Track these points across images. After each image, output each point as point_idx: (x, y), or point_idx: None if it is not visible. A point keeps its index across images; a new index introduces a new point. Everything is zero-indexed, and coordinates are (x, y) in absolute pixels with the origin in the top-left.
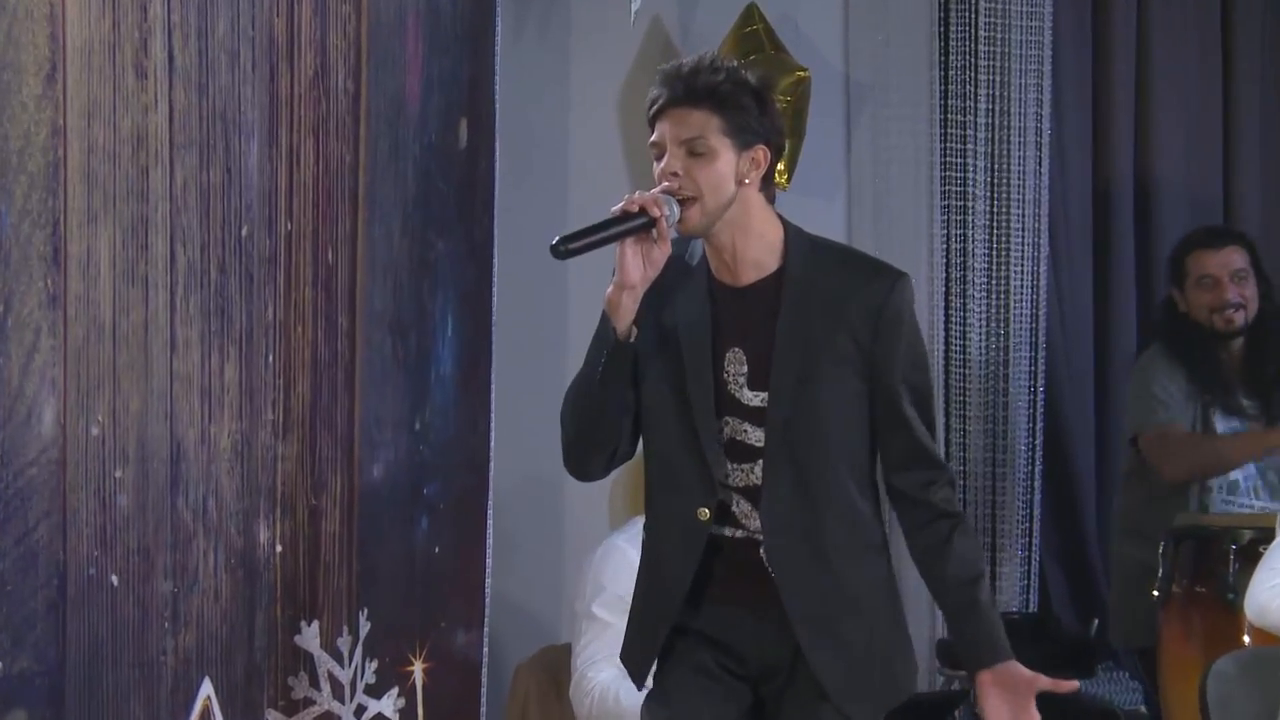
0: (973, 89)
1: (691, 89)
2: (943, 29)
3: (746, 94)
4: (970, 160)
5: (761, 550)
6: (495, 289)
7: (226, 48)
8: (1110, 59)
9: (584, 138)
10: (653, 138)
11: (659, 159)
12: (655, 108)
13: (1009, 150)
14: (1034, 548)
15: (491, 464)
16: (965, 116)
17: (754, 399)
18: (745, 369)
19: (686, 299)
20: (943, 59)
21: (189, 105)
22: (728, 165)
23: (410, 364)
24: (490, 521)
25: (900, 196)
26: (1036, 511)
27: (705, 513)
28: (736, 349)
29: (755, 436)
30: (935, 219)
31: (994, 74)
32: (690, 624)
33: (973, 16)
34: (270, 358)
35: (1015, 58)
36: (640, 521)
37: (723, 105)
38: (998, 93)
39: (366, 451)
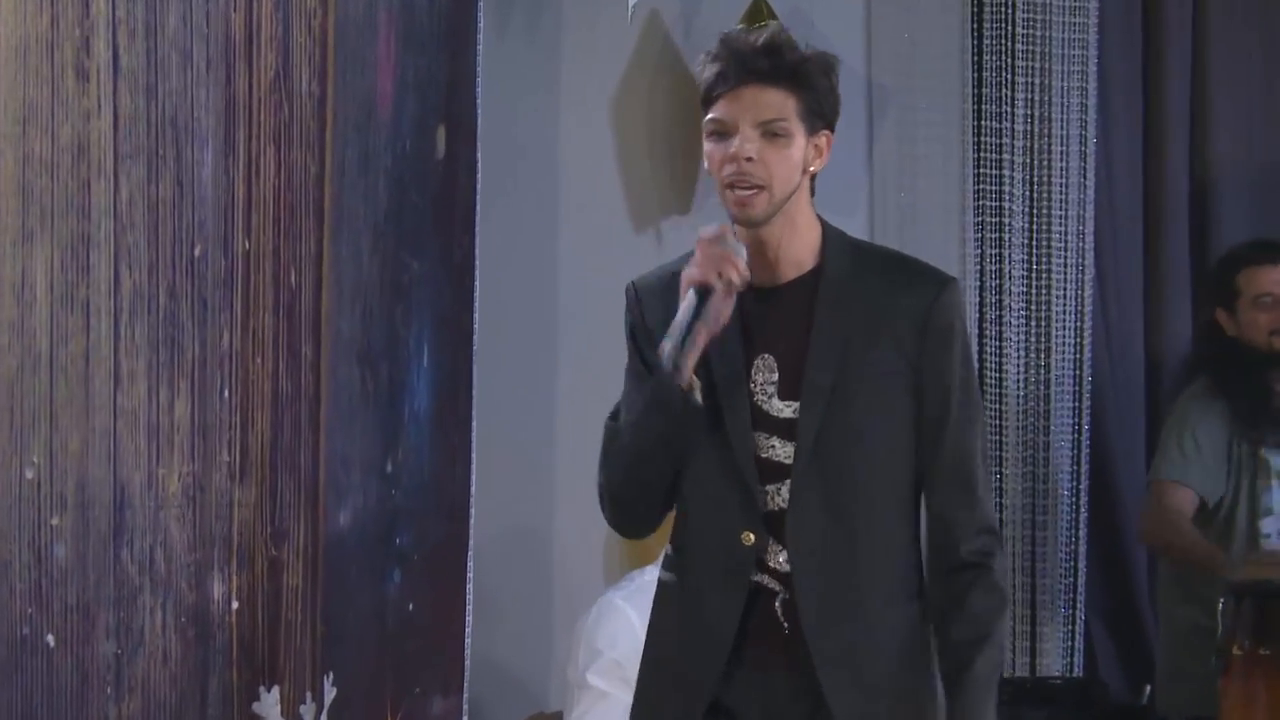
0: (1009, 91)
1: (776, 66)
2: (976, 24)
3: (823, 73)
4: (1006, 171)
5: (777, 602)
6: (477, 314)
7: (178, 46)
8: (1162, 55)
9: (575, 145)
10: (716, 115)
11: (719, 140)
12: (726, 86)
13: (1050, 159)
14: (1079, 605)
15: (472, 511)
16: (1001, 122)
17: (784, 409)
18: (775, 376)
19: None
20: (976, 58)
21: (135, 110)
22: (800, 152)
23: (381, 398)
24: (470, 575)
25: (928, 211)
26: (1081, 564)
27: (750, 537)
28: (766, 355)
29: (784, 452)
30: (968, 236)
31: (1033, 74)
32: (722, 698)
33: (1009, 10)
34: (226, 392)
35: (1056, 56)
36: (639, 578)
37: (804, 85)
38: (1037, 95)
39: (332, 497)
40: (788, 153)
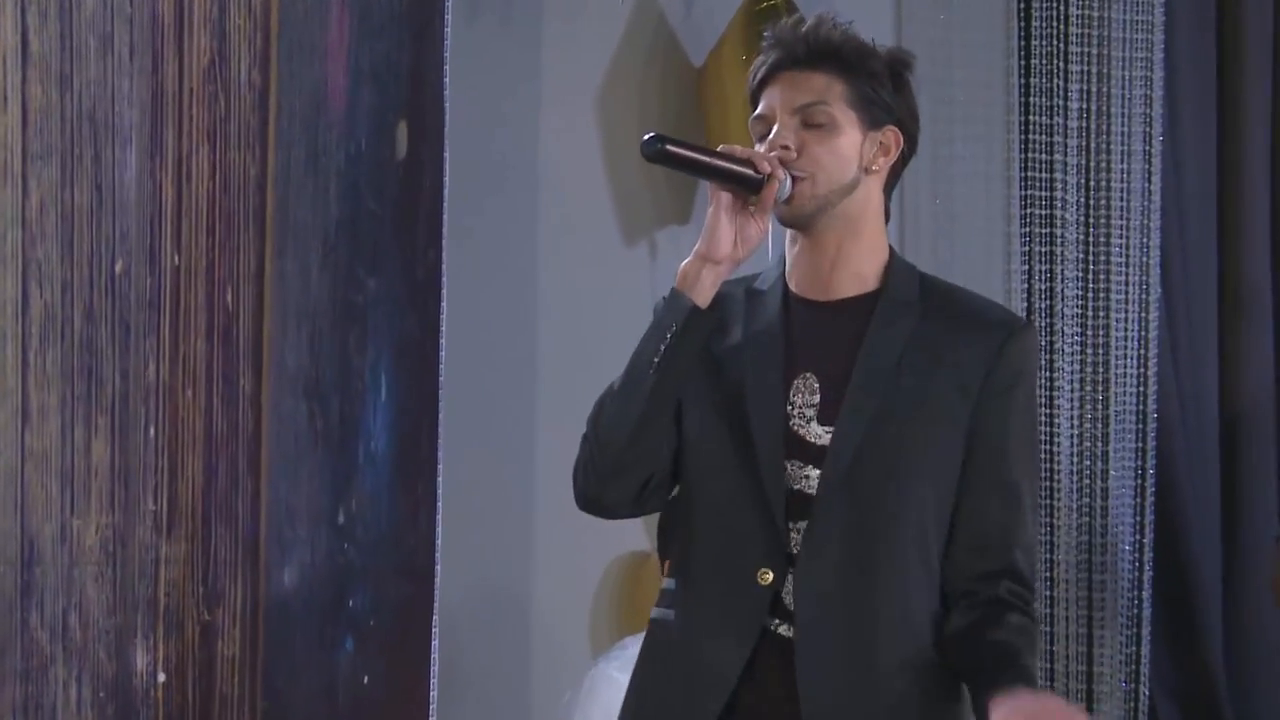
0: (1062, 81)
1: (812, 46)
2: (1023, 6)
3: (878, 60)
4: (1059, 174)
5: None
6: (443, 341)
7: (96, 29)
8: (1240, 37)
9: (557, 144)
10: (758, 110)
11: (763, 138)
12: (763, 71)
13: (1109, 160)
14: (1142, 679)
15: (438, 569)
16: (1052, 117)
17: (823, 435)
18: (816, 398)
19: (754, 319)
20: (1023, 42)
21: (47, 104)
22: (851, 144)
23: (332, 438)
24: (435, 643)
25: (968, 222)
26: (1145, 632)
27: (769, 575)
28: (808, 374)
29: (816, 484)
30: (1013, 250)
31: (1089, 61)
32: None
33: None
34: (151, 430)
35: (1117, 40)
36: (635, 645)
37: (849, 68)
38: (1094, 85)
39: (275, 552)
40: (834, 142)
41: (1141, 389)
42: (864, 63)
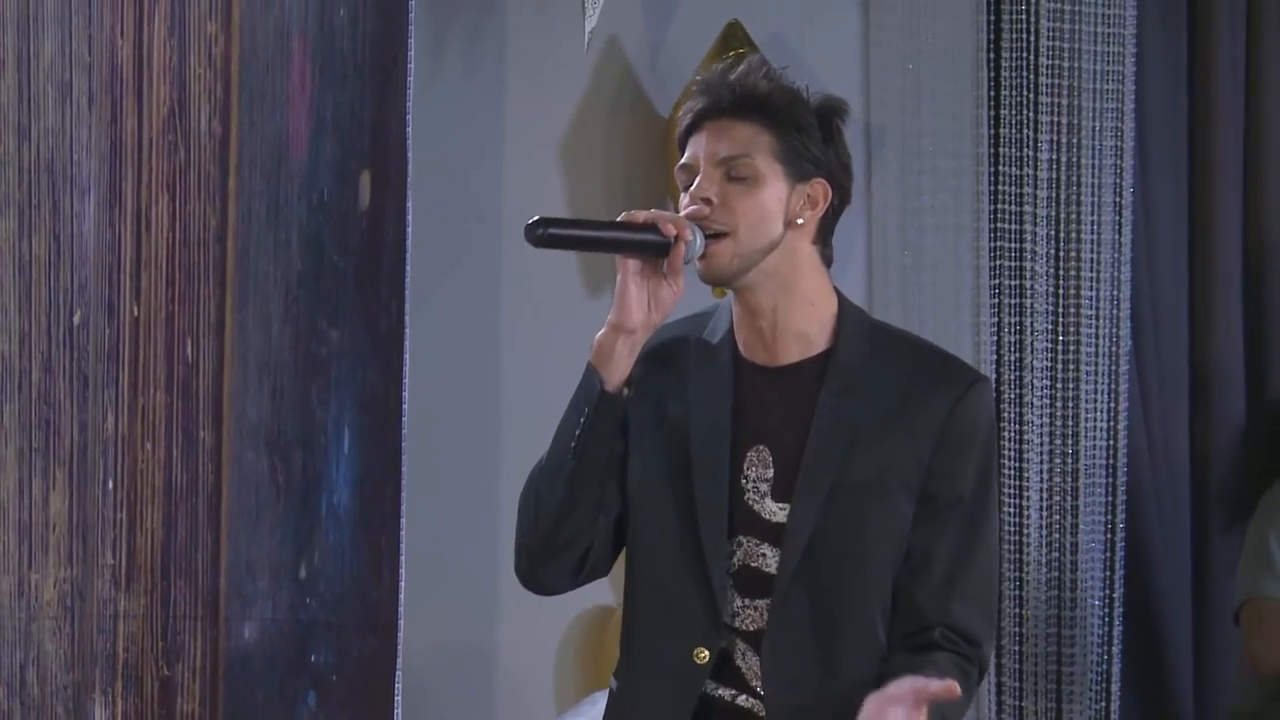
0: (1032, 134)
1: (739, 96)
2: (992, 54)
3: (807, 111)
4: (1029, 226)
5: None
6: (406, 393)
7: (54, 79)
8: (1211, 92)
9: (521, 194)
10: (683, 159)
11: (686, 189)
12: (689, 121)
13: (1079, 214)
14: None
15: (401, 623)
16: (1023, 170)
17: (778, 513)
18: (770, 473)
19: (703, 384)
20: (992, 93)
21: (4, 153)
22: (775, 198)
23: (294, 492)
24: (399, 699)
25: (937, 274)
26: (1114, 689)
27: (704, 654)
28: (761, 447)
29: (774, 563)
30: (983, 302)
31: (1059, 113)
32: None
33: (1031, 38)
34: (110, 484)
35: (1087, 93)
36: (600, 700)
37: (777, 120)
38: (1065, 138)
39: (235, 607)
40: (755, 195)
41: (1111, 443)
42: (792, 114)
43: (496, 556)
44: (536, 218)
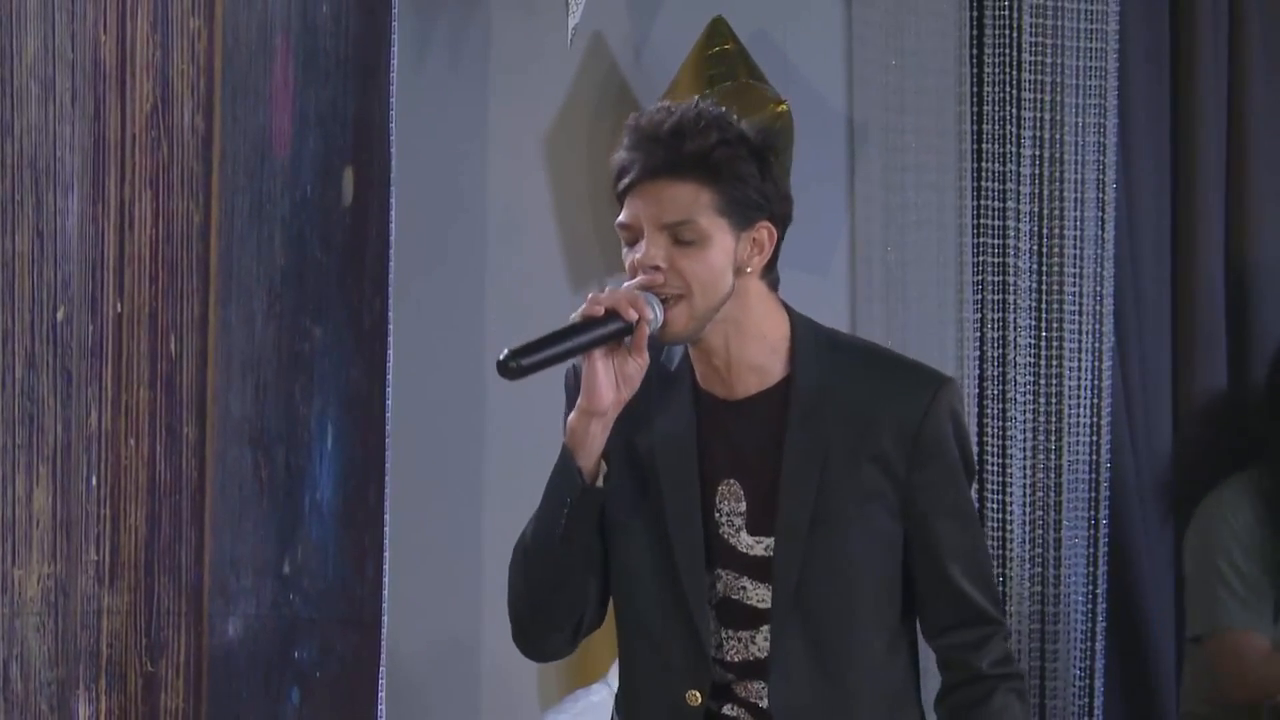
0: (1015, 129)
1: (676, 157)
2: (975, 50)
3: (746, 158)
4: (1012, 222)
5: None
6: (389, 390)
7: (37, 75)
8: (1194, 89)
9: (505, 190)
10: (622, 218)
11: (631, 244)
12: (627, 181)
13: (1062, 210)
14: None
15: (385, 620)
16: (1005, 165)
17: (755, 546)
18: (743, 507)
19: (666, 415)
20: (975, 89)
21: None
22: (724, 253)
23: (278, 488)
24: (383, 695)
25: (920, 271)
26: (1098, 687)
27: (696, 697)
28: (731, 481)
29: (757, 595)
30: (966, 299)
31: (1042, 109)
32: None
33: (1014, 34)
34: (93, 480)
35: (1070, 89)
36: (584, 697)
37: (717, 175)
38: (1047, 134)
39: (219, 603)
40: (704, 256)
41: (1095, 439)
42: (732, 167)
43: (480, 553)
44: (504, 354)
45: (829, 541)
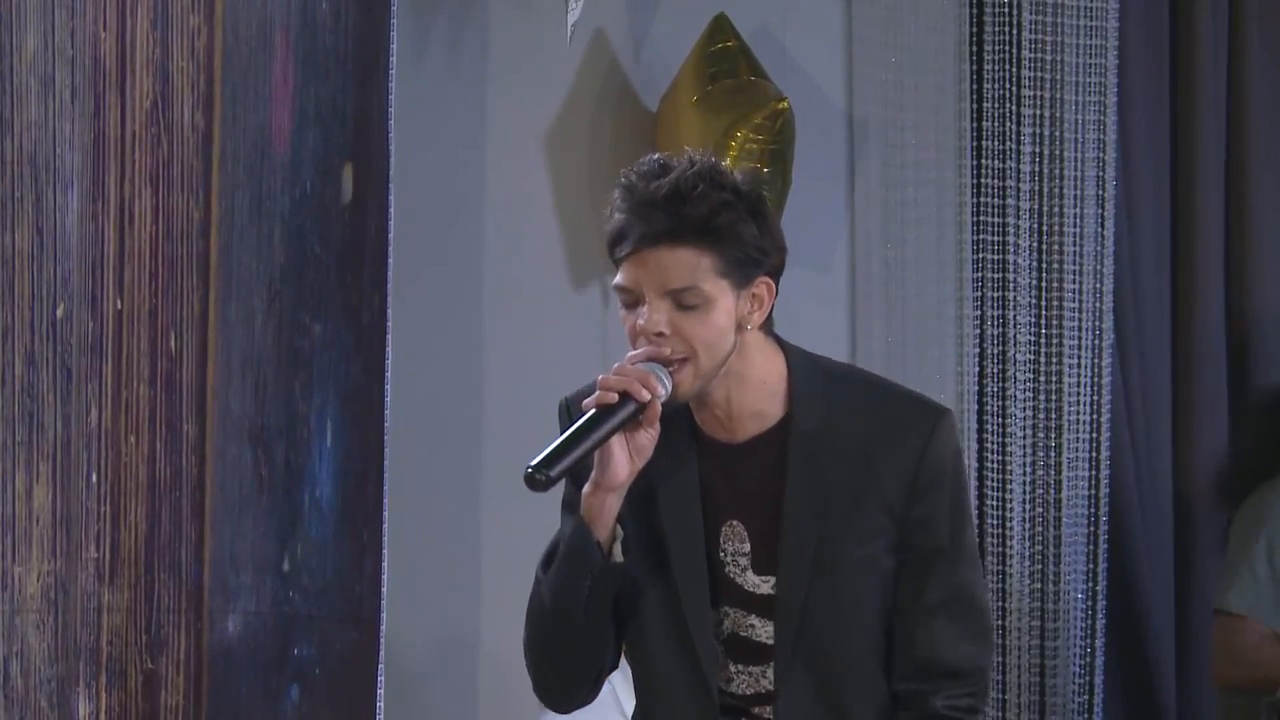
0: (1014, 126)
1: (677, 223)
2: (975, 47)
3: (746, 219)
4: (1011, 219)
5: None
6: (389, 387)
7: (37, 72)
8: (1194, 86)
9: (505, 187)
10: (621, 281)
11: (630, 306)
12: (626, 248)
13: (1062, 206)
14: None
15: (384, 617)
16: (1005, 162)
17: (761, 585)
18: (747, 547)
19: (666, 457)
20: (975, 86)
21: None
22: (726, 313)
23: (277, 485)
24: (381, 692)
25: (920, 268)
26: (1097, 688)
27: None
28: (734, 522)
29: (764, 632)
30: (966, 296)
31: (1042, 106)
32: None
33: (1014, 31)
34: (93, 477)
35: (1070, 85)
36: None
37: (718, 240)
38: (1047, 131)
39: (219, 600)
40: (708, 319)
41: (1094, 436)
42: (732, 230)
43: (479, 549)
44: (530, 468)
45: (831, 581)
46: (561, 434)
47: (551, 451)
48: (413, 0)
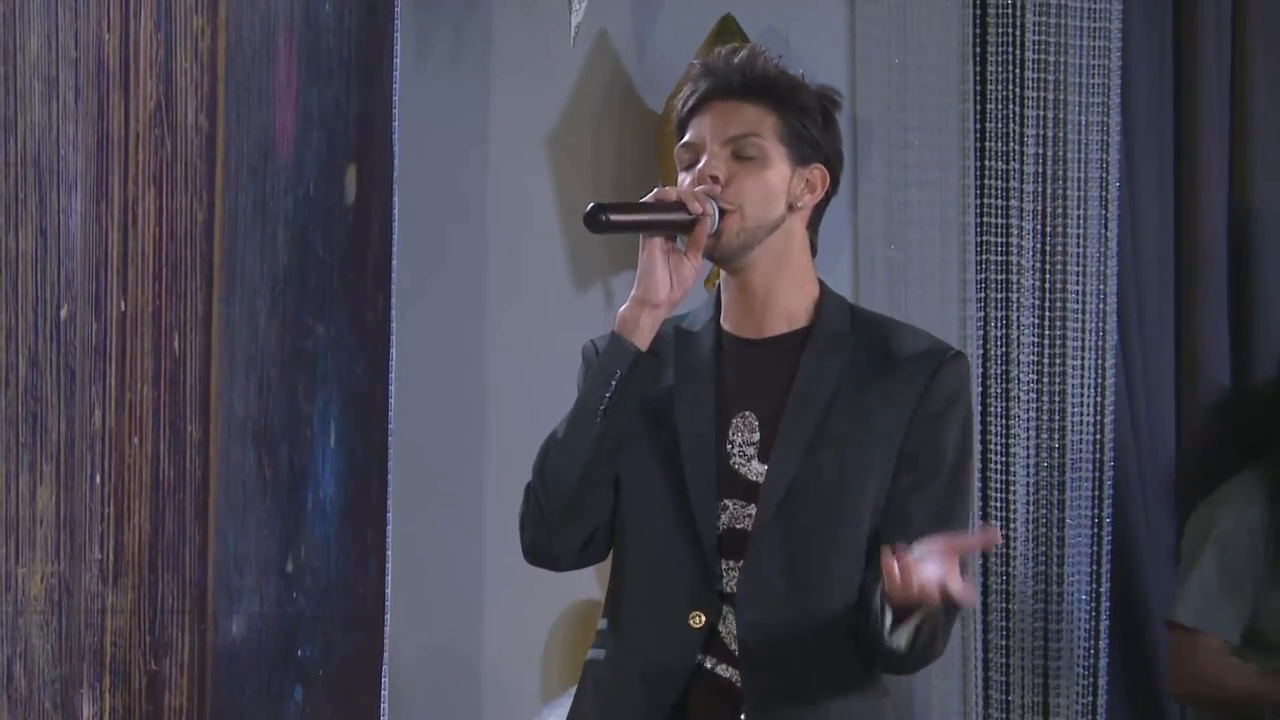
0: (1018, 127)
1: (747, 78)
2: (978, 48)
3: (810, 95)
4: (1015, 219)
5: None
6: (393, 388)
7: (41, 73)
8: (1197, 85)
9: (508, 188)
10: (686, 138)
11: (689, 167)
12: (694, 99)
13: (1065, 206)
14: None
15: (388, 618)
16: (1008, 163)
17: (763, 474)
18: (756, 436)
19: (685, 362)
20: (978, 86)
21: None
22: (780, 178)
23: (281, 486)
24: (385, 693)
25: (923, 267)
26: (1101, 682)
27: (700, 618)
28: (747, 413)
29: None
30: (969, 296)
31: (1045, 107)
32: None
33: (1017, 32)
34: (97, 478)
35: (1073, 87)
36: None
37: (782, 102)
38: (1050, 131)
39: (223, 601)
40: (763, 175)
41: (1098, 436)
42: (796, 97)
43: (483, 550)
44: (592, 206)
45: (822, 462)
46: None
47: (613, 203)
48: (416, 1)
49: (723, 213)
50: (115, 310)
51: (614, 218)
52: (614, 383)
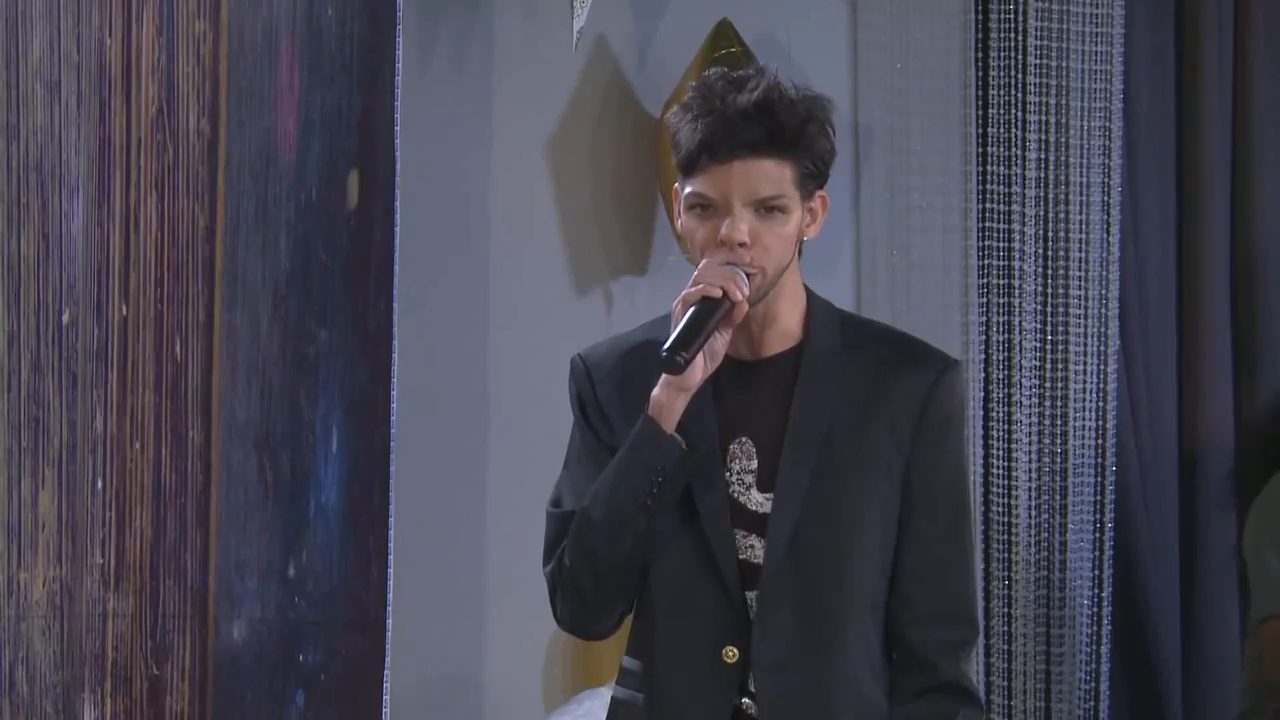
0: (1020, 133)
1: (773, 133)
2: (980, 53)
3: (823, 130)
4: (1017, 225)
5: None
6: (395, 394)
7: (43, 78)
8: (1199, 91)
9: (509, 193)
10: (701, 189)
11: (703, 216)
12: (712, 156)
13: (1067, 212)
14: None
15: (389, 623)
16: (1010, 167)
17: (764, 504)
18: (754, 464)
19: None
20: (981, 92)
21: None
22: (796, 223)
23: (283, 491)
24: (387, 698)
25: (925, 273)
26: (1103, 688)
27: (733, 653)
28: (744, 439)
29: (763, 553)
30: (971, 303)
31: (1047, 113)
32: None
33: (1020, 37)
34: (99, 483)
35: (1075, 92)
36: (589, 699)
37: (809, 153)
38: (1052, 137)
39: (224, 606)
40: (784, 230)
41: (1100, 441)
42: (817, 142)
43: (485, 554)
44: (666, 352)
45: (829, 495)
46: (676, 326)
47: (679, 338)
48: (418, 6)
49: (748, 274)
50: (117, 315)
51: (689, 354)
52: (659, 479)
